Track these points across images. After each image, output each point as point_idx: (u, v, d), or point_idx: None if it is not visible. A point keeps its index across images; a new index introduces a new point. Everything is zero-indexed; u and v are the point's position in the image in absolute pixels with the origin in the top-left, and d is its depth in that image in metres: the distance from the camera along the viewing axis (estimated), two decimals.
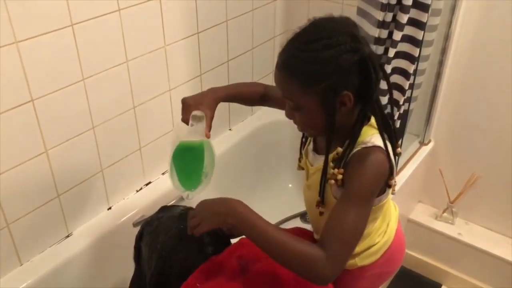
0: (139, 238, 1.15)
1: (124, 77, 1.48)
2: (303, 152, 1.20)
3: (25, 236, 1.36)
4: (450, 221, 2.03)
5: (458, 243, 1.99)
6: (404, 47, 1.51)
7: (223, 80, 1.88)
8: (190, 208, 1.14)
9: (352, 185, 0.97)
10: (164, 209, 1.14)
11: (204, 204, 1.02)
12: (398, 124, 1.65)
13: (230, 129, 2.05)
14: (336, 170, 1.00)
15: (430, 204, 2.14)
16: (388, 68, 1.49)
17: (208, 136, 1.12)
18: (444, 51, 1.79)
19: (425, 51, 1.67)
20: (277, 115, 2.18)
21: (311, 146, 1.17)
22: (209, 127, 1.14)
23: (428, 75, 1.83)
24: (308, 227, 2.18)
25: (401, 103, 1.59)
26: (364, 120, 1.02)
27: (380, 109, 1.03)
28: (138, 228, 1.60)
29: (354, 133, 1.01)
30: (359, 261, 1.17)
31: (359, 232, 0.96)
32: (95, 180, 1.51)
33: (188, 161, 1.13)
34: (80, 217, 1.52)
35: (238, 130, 2.06)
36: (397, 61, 1.54)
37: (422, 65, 1.70)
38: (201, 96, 1.17)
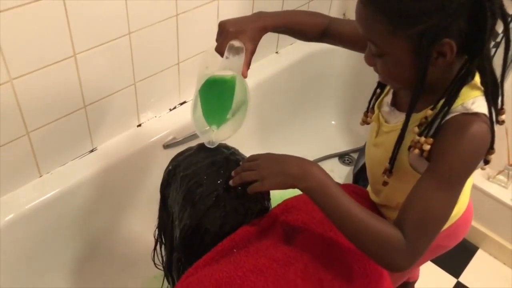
0: (167, 178, 0.97)
1: None
2: (375, 103, 1.00)
3: (46, 147, 1.23)
4: (503, 184, 1.85)
5: (507, 209, 1.83)
6: None
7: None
8: (238, 155, 0.96)
9: (445, 161, 0.78)
10: (203, 147, 0.95)
11: (271, 158, 0.85)
12: None
13: (276, 52, 1.83)
14: (423, 139, 0.80)
15: None
16: None
17: (245, 76, 0.92)
18: None
19: None
20: None
21: (388, 97, 0.97)
22: (248, 64, 0.93)
23: None
24: (345, 169, 2.06)
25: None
26: (467, 78, 0.80)
27: (489, 65, 0.80)
28: (168, 151, 1.49)
29: (451, 93, 0.79)
30: None
31: (446, 218, 0.80)
32: (126, 93, 1.35)
33: (216, 98, 0.96)
34: (107, 132, 1.38)
35: (286, 54, 1.84)
36: None
37: None
38: (245, 22, 0.95)
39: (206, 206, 0.85)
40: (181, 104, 1.55)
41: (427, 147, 0.80)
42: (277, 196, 0.97)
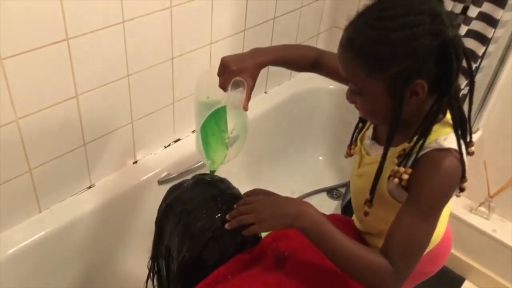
0: (165, 212, 1.02)
1: (166, 24, 1.35)
2: (357, 137, 1.08)
3: (47, 183, 1.28)
4: (485, 216, 1.92)
5: (490, 240, 1.89)
6: (477, 26, 1.36)
7: (266, 39, 1.75)
8: (232, 188, 1.02)
9: (422, 194, 0.87)
10: (199, 182, 1.01)
11: (266, 201, 0.91)
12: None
13: (265, 92, 1.92)
14: (402, 169, 0.88)
15: (466, 196, 2.02)
16: None
17: (245, 109, 1.00)
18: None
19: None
20: (317, 81, 2.08)
21: (369, 132, 1.05)
22: (249, 98, 1.01)
23: (491, 59, 1.67)
24: (334, 203, 2.12)
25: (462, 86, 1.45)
26: (438, 114, 0.89)
27: (457, 103, 0.89)
28: (163, 187, 1.54)
29: (425, 129, 0.88)
30: None
31: (426, 243, 0.88)
32: (124, 131, 1.41)
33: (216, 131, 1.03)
34: (104, 169, 1.43)
35: (274, 94, 1.94)
36: (466, 41, 1.40)
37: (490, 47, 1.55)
38: (245, 60, 1.03)
39: (205, 239, 0.91)
40: (175, 141, 1.62)
41: (405, 176, 0.88)
42: None
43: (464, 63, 0.86)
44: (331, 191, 2.06)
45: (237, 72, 1.00)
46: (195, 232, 0.92)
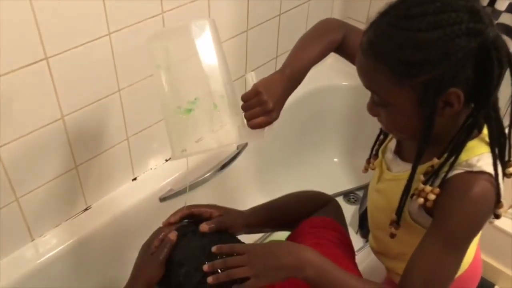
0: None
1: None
2: (378, 149, 0.97)
3: (37, 210, 1.20)
4: None
5: None
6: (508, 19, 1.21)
7: (272, 36, 1.62)
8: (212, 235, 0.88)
9: (449, 223, 0.75)
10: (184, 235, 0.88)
11: (259, 251, 0.79)
12: None
13: None
14: (429, 188, 0.77)
15: None
16: None
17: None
18: None
19: None
20: (329, 78, 1.95)
21: (392, 144, 0.93)
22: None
23: None
24: (351, 208, 2.00)
25: None
26: (474, 128, 0.77)
27: (497, 115, 0.77)
28: (164, 204, 1.45)
29: (457, 146, 0.76)
30: None
31: (452, 278, 0.78)
32: (119, 149, 1.32)
33: None
34: (101, 189, 1.34)
35: None
36: None
37: None
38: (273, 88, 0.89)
39: (193, 285, 0.80)
40: None
41: (432, 196, 0.77)
42: None
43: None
44: (347, 195, 1.94)
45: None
46: (180, 280, 0.82)
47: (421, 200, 0.78)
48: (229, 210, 0.96)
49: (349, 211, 1.87)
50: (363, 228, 1.79)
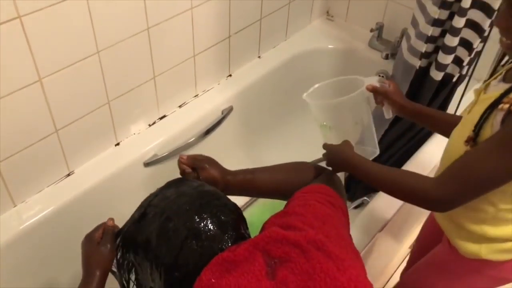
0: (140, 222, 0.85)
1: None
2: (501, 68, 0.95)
3: (18, 175, 1.18)
4: None
5: None
6: None
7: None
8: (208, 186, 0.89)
9: (507, 126, 0.76)
10: (171, 184, 0.87)
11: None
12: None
13: (259, 57, 1.77)
14: None
15: None
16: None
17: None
18: None
19: None
20: (315, 42, 1.92)
21: (498, 78, 0.90)
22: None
23: None
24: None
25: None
26: None
27: None
28: (149, 169, 1.43)
29: None
30: (485, 252, 0.94)
31: (490, 181, 0.80)
32: (100, 112, 1.29)
33: None
34: (83, 154, 1.32)
35: (269, 58, 1.78)
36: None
37: None
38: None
39: (180, 240, 0.79)
40: (161, 118, 1.49)
41: None
42: (255, 226, 0.91)
43: None
44: None
45: None
46: (169, 234, 0.80)
47: (506, 106, 0.78)
48: (211, 164, 0.95)
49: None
50: (349, 191, 1.81)
